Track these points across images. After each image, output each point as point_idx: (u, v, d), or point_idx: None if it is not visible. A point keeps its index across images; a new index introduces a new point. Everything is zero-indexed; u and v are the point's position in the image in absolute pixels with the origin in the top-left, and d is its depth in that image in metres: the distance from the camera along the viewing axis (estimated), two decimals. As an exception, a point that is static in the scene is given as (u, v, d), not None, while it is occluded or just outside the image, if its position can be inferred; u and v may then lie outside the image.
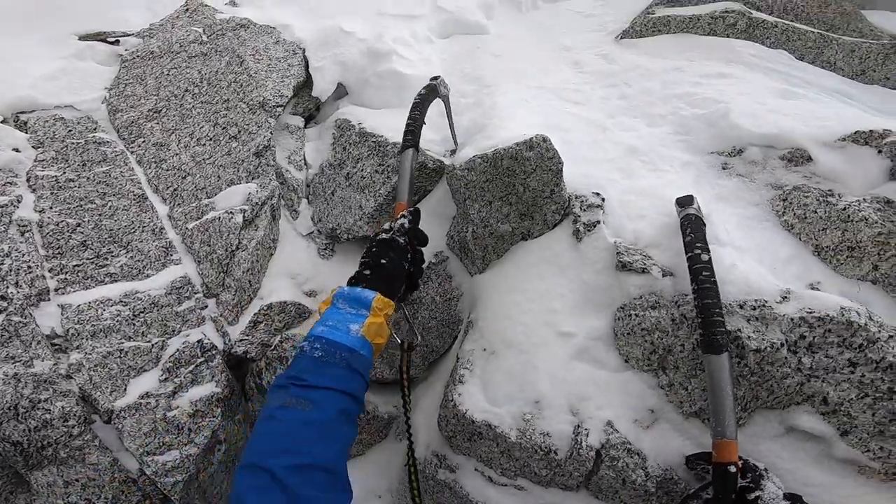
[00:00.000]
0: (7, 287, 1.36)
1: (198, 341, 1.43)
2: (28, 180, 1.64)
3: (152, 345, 1.41)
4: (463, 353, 1.38)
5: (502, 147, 1.38)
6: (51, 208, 1.59)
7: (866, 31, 2.07)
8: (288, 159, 1.95)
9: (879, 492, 0.95)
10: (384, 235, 1.22)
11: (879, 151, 1.20)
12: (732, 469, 0.93)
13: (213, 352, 1.44)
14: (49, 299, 1.41)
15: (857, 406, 0.94)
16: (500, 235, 1.46)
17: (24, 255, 1.44)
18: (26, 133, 1.80)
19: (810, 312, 0.97)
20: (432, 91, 1.59)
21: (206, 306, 1.51)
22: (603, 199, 1.38)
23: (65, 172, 1.70)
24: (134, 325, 1.43)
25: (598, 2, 2.91)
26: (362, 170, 1.80)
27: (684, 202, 1.20)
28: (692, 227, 1.11)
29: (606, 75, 2.06)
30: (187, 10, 2.48)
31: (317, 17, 2.45)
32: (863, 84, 1.92)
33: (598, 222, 1.34)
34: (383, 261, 1.16)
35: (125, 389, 1.33)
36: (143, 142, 1.87)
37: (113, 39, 2.28)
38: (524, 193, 1.40)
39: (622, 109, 1.79)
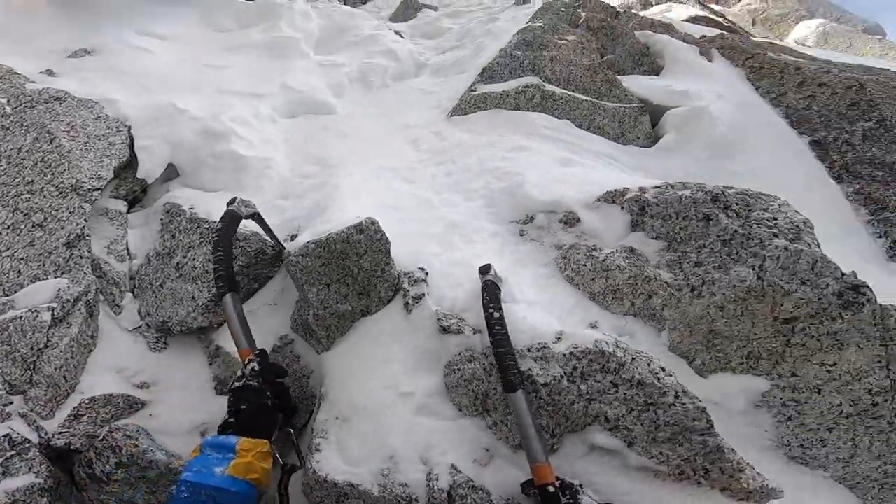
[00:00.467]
0: None
1: (5, 436, 1.40)
2: None
3: (-47, 441, 1.33)
4: (317, 424, 1.47)
5: (335, 232, 1.54)
6: None
7: (622, 96, 2.59)
8: (107, 249, 1.87)
9: (675, 492, 1.15)
10: (237, 384, 1.34)
11: (622, 208, 1.54)
12: (551, 489, 1.11)
13: (27, 444, 1.40)
14: None
15: (629, 419, 1.16)
16: (342, 314, 1.60)
17: None
18: None
19: (576, 347, 1.22)
20: (233, 219, 1.56)
21: (12, 402, 1.46)
22: (427, 273, 1.59)
23: None
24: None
25: (439, 79, 3.29)
26: (194, 259, 1.79)
27: (484, 270, 1.44)
28: (488, 291, 1.35)
29: (438, 153, 2.35)
30: (-10, 76, 2.26)
31: (147, 92, 2.39)
32: (622, 145, 2.39)
33: (423, 294, 1.53)
34: (243, 406, 1.29)
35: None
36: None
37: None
38: (359, 274, 1.57)
39: (447, 186, 2.06)
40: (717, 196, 1.39)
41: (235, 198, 1.63)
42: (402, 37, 4.43)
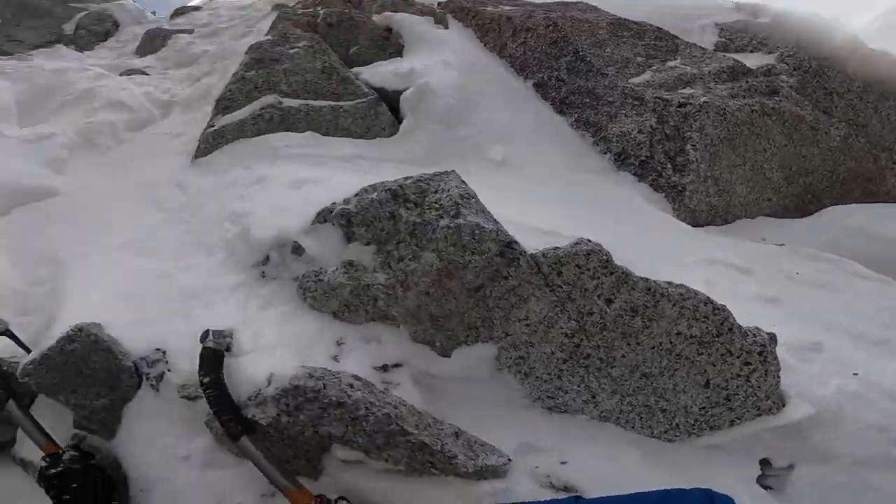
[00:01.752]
0: None
1: None
2: None
3: None
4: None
5: (46, 347, 1.50)
6: None
7: (359, 91, 2.62)
8: None
9: (421, 484, 1.26)
10: (52, 470, 1.25)
11: (333, 224, 1.57)
12: None
13: None
14: None
15: (350, 434, 1.22)
16: (104, 408, 1.54)
17: None
18: None
19: (279, 388, 1.26)
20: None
21: None
22: (164, 353, 1.53)
23: None
24: None
25: (188, 115, 3.03)
26: None
27: (202, 337, 1.42)
28: (200, 361, 1.36)
29: (180, 209, 2.19)
30: None
31: None
32: (370, 140, 2.44)
33: (163, 373, 1.50)
34: (66, 497, 1.21)
35: None
36: None
37: None
38: (98, 373, 1.51)
39: (188, 247, 1.94)
40: (395, 192, 1.47)
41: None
42: (146, 74, 4.04)
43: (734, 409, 1.50)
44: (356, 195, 1.58)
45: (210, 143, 2.50)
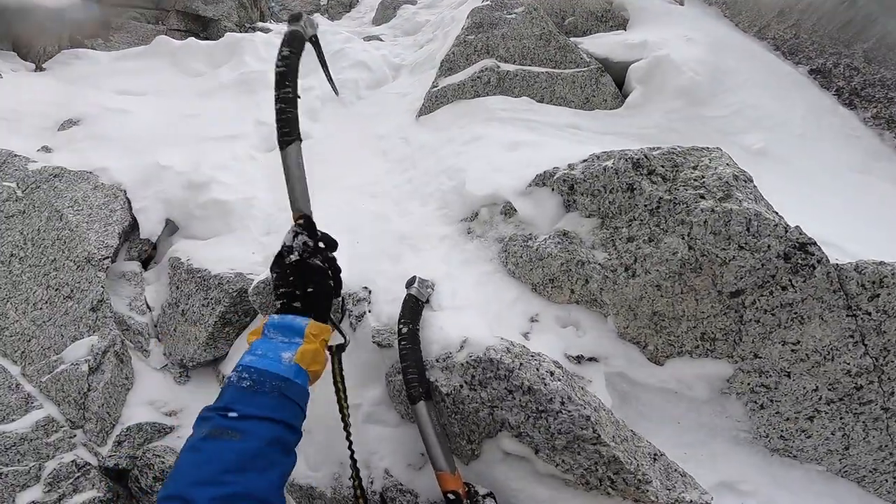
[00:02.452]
0: None
1: (72, 461, 1.75)
2: None
3: (30, 467, 1.71)
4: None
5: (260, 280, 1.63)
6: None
7: (579, 60, 2.40)
8: (129, 306, 2.12)
9: (587, 500, 1.08)
10: (293, 257, 1.15)
11: (552, 189, 1.42)
12: (451, 497, 1.09)
13: (88, 467, 1.75)
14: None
15: (528, 426, 1.09)
16: None
17: None
18: None
19: (471, 356, 1.16)
20: (297, 41, 1.23)
21: (75, 435, 1.80)
22: (370, 292, 1.57)
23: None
24: (7, 455, 1.71)
25: (414, 77, 3.21)
26: (192, 305, 2.01)
27: (408, 284, 1.41)
28: (403, 306, 1.33)
29: (402, 160, 2.30)
30: (-5, 162, 2.44)
31: (133, 153, 2.48)
32: (588, 111, 2.21)
33: (365, 313, 1.52)
34: (310, 289, 1.12)
35: (14, 501, 1.65)
36: (-21, 313, 1.97)
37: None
38: None
39: (407, 194, 2.02)
40: (638, 162, 1.24)
41: (300, 15, 1.28)
42: (381, 40, 4.39)
43: None
44: (584, 161, 1.40)
45: (433, 102, 2.57)
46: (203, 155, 2.36)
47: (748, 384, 1.15)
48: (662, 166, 1.22)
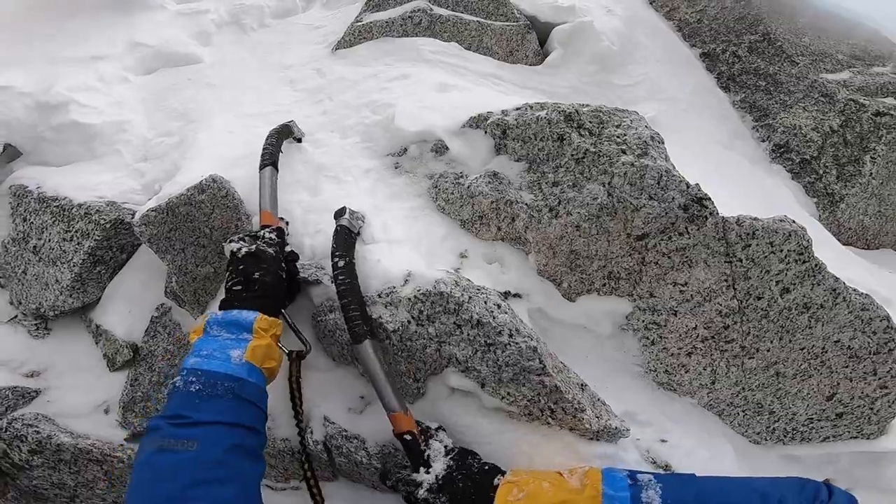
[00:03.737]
0: None
1: None
2: None
3: None
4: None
5: (175, 195, 1.43)
6: None
7: (510, 15, 2.45)
8: None
9: (528, 432, 1.16)
10: (247, 248, 1.11)
11: (485, 132, 1.47)
12: (408, 437, 1.09)
13: None
14: None
15: (476, 360, 1.14)
16: (205, 277, 1.50)
17: None
18: None
19: (419, 290, 1.18)
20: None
21: None
22: (287, 223, 1.48)
23: None
24: None
25: (329, 11, 2.99)
26: (50, 240, 1.71)
27: (338, 214, 1.35)
28: (336, 238, 1.27)
29: (315, 91, 2.16)
30: None
31: None
32: (511, 64, 2.29)
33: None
34: (257, 275, 1.06)
35: None
36: None
37: None
38: (212, 234, 1.46)
39: (321, 125, 1.91)
40: (570, 115, 1.33)
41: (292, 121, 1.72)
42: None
43: (838, 427, 1.42)
44: (517, 109, 1.45)
45: (355, 36, 2.43)
46: (58, 77, 2.08)
47: (643, 321, 1.32)
48: (590, 122, 1.32)
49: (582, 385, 1.21)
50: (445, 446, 1.11)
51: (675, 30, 2.68)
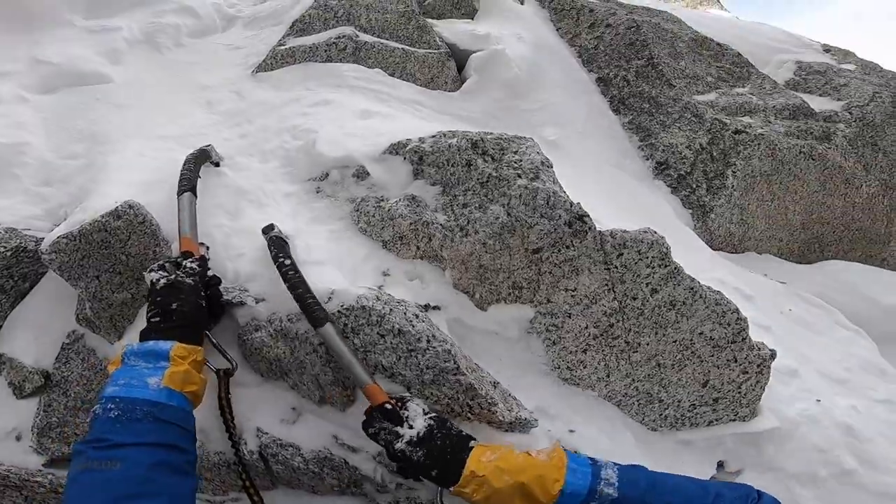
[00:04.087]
0: None
1: None
2: None
3: None
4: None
5: (88, 222, 1.42)
6: None
7: (433, 42, 2.62)
8: None
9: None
10: (165, 279, 1.13)
11: (404, 158, 1.60)
12: (389, 406, 1.15)
13: None
14: None
15: (400, 365, 1.26)
16: (122, 303, 1.50)
17: None
18: None
19: (342, 305, 1.28)
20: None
21: None
22: (208, 248, 1.51)
23: None
24: None
25: (251, 32, 2.97)
26: None
27: (267, 229, 1.44)
28: (274, 245, 1.36)
29: (234, 114, 2.18)
30: None
31: None
32: (431, 90, 2.45)
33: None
34: (174, 305, 1.09)
35: None
36: None
37: None
38: (129, 261, 1.47)
39: (240, 149, 1.94)
40: (476, 143, 1.50)
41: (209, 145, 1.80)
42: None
43: (717, 411, 1.64)
44: (432, 137, 1.60)
45: (277, 60, 2.47)
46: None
47: (544, 324, 1.50)
48: (493, 148, 1.50)
49: (494, 383, 1.36)
50: (423, 409, 1.19)
51: (576, 55, 2.97)
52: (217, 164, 1.78)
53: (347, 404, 1.38)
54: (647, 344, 1.54)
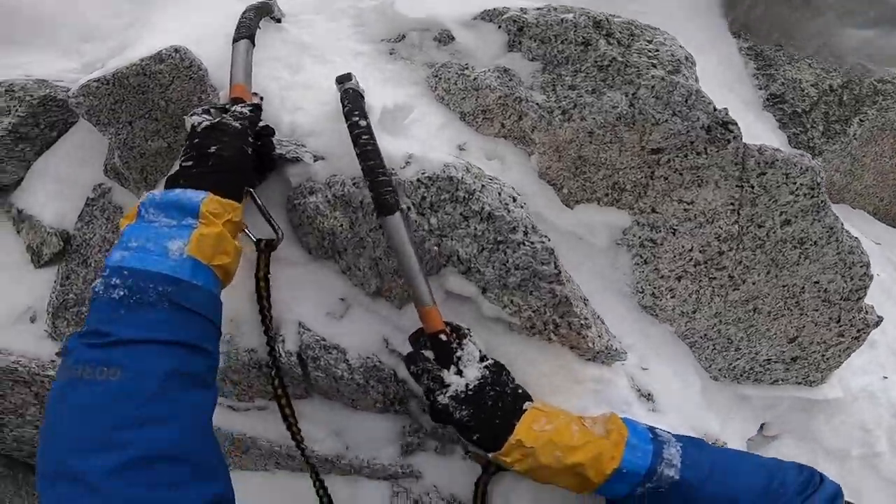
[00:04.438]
0: None
1: None
2: None
3: None
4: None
5: (124, 66, 1.24)
6: None
7: None
8: None
9: (525, 348, 1.08)
10: (209, 121, 0.89)
11: (499, 27, 1.33)
12: (443, 337, 0.96)
13: None
14: None
15: (481, 260, 1.05)
16: (155, 152, 1.34)
17: None
18: None
19: (423, 173, 1.07)
20: (265, 7, 1.34)
21: None
22: (262, 98, 1.29)
23: None
24: None
25: None
26: None
27: (343, 79, 1.19)
28: (349, 99, 1.11)
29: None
30: None
31: None
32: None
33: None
34: (213, 149, 0.84)
35: None
36: None
37: None
38: (168, 107, 1.29)
39: (306, 6, 1.66)
40: (599, 22, 1.21)
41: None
42: None
43: (789, 371, 1.46)
44: (537, 9, 1.31)
45: None
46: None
47: (639, 237, 1.28)
48: (620, 32, 1.21)
49: (585, 299, 1.16)
50: (479, 353, 0.99)
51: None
52: (279, 20, 1.54)
53: (406, 301, 1.19)
54: (754, 283, 1.32)
